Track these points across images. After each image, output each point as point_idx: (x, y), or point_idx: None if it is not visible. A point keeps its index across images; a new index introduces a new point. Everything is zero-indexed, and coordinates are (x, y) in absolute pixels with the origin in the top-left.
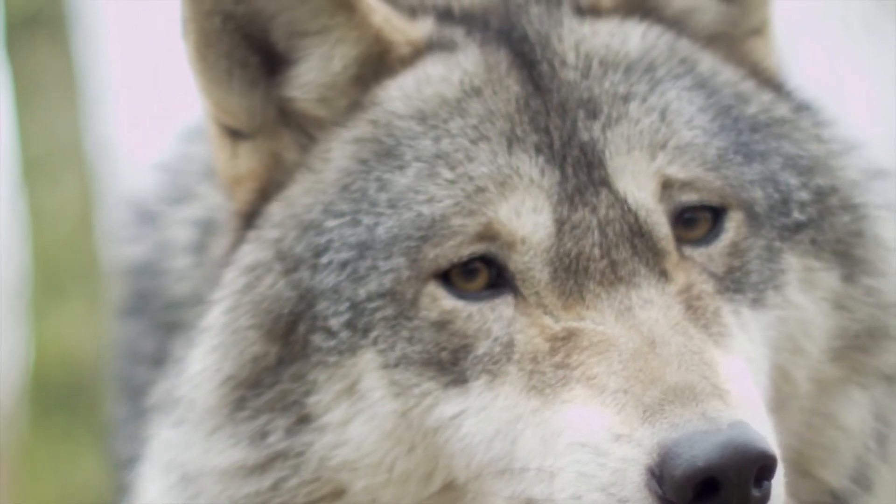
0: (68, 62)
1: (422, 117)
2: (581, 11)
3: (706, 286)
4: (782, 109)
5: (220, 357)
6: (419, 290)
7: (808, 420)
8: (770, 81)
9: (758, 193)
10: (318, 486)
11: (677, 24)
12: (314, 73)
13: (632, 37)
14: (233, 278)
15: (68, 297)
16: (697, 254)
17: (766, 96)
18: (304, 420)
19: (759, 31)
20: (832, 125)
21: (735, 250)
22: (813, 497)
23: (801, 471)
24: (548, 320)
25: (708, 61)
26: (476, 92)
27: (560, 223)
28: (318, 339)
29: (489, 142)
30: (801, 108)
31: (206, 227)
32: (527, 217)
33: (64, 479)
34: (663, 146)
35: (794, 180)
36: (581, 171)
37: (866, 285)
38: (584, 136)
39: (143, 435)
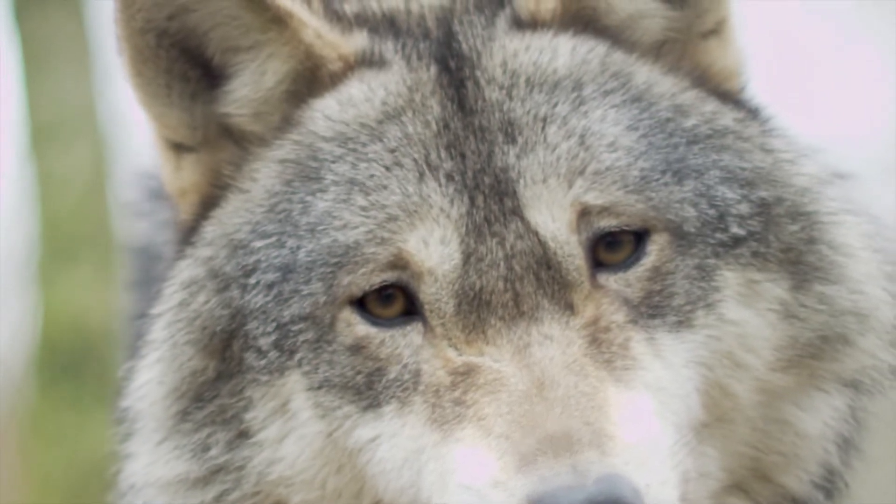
0: (81, 28)
1: (343, 140)
2: (519, 24)
3: (617, 316)
4: (726, 119)
5: (163, 370)
6: (335, 315)
7: (765, 427)
8: (718, 88)
9: (689, 212)
10: (259, 498)
11: (619, 34)
12: (247, 88)
13: (561, 52)
14: (170, 293)
15: (77, 263)
16: (614, 280)
17: (710, 106)
18: (242, 435)
19: (716, 31)
20: (782, 132)
21: (656, 274)
22: (775, 501)
23: (761, 476)
24: (451, 353)
25: (644, 73)
26: (396, 114)
27: (467, 255)
28: (250, 357)
29: (402, 169)
30: (749, 115)
31: None
32: (434, 248)
33: (72, 446)
34: (581, 172)
35: (732, 194)
36: (493, 201)
37: (819, 293)
38: (500, 162)
39: None
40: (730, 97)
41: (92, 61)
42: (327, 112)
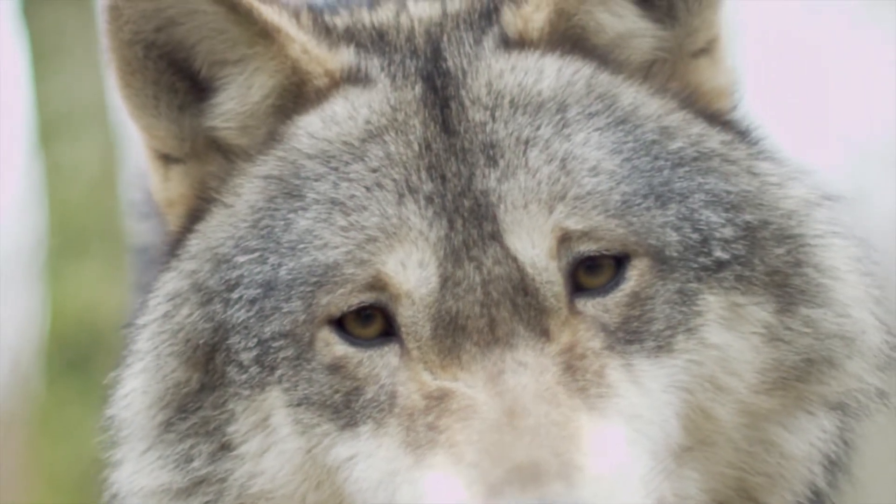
0: (90, 21)
1: (325, 158)
2: (507, 44)
3: (593, 343)
4: (712, 142)
5: (147, 380)
6: (314, 334)
7: (749, 449)
8: (707, 109)
9: (671, 237)
10: None
11: (608, 53)
12: (234, 101)
13: (547, 74)
14: (155, 305)
15: (86, 257)
16: (592, 305)
17: (696, 128)
18: (225, 447)
19: (707, 50)
20: (770, 154)
21: (635, 300)
22: None
23: (746, 497)
24: (426, 377)
25: (630, 95)
26: (379, 134)
27: (444, 279)
28: (232, 371)
29: (383, 190)
30: (738, 137)
31: None
32: (412, 271)
33: (79, 440)
34: (562, 197)
35: (717, 218)
36: (472, 224)
37: (804, 316)
38: (481, 186)
39: None
40: (719, 118)
41: (101, 54)
42: (311, 129)
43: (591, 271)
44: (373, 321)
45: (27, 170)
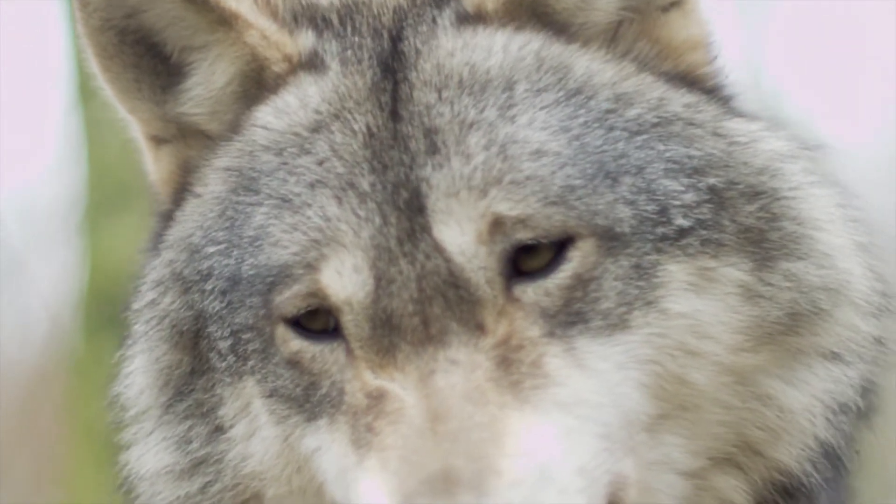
0: None
1: (277, 150)
2: (464, 20)
3: (531, 332)
4: (675, 105)
5: (145, 361)
6: (273, 329)
7: (744, 405)
8: (675, 68)
9: (622, 213)
10: (240, 490)
11: (570, 18)
12: (201, 87)
13: (495, 50)
14: (144, 291)
15: (124, 212)
16: (533, 290)
17: (657, 92)
18: (218, 429)
19: (677, 3)
20: (742, 110)
21: (577, 282)
22: (770, 475)
23: (751, 451)
24: (368, 376)
25: (583, 64)
26: (326, 124)
27: (379, 279)
28: (214, 358)
29: (325, 187)
30: (705, 98)
31: None
32: (348, 278)
33: None
34: (498, 182)
35: (677, 185)
36: (405, 217)
37: (785, 270)
38: (418, 174)
39: None
40: (688, 75)
41: None
42: (265, 119)
43: (530, 254)
44: (319, 315)
45: (66, 126)
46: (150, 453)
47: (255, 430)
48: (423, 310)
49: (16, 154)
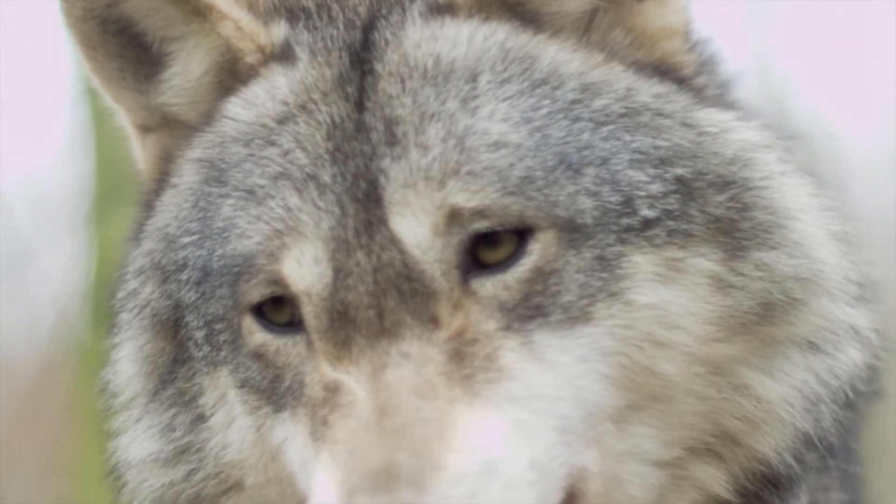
0: None
1: (246, 142)
2: (434, 9)
3: (487, 325)
4: (643, 96)
5: (131, 350)
6: (240, 321)
7: (719, 395)
8: (649, 57)
9: (585, 204)
10: (222, 478)
11: (540, 10)
12: (179, 77)
13: (460, 41)
14: (128, 280)
15: (131, 203)
16: (492, 284)
17: (625, 82)
18: (200, 418)
19: None
20: (717, 100)
21: (537, 275)
22: (750, 465)
23: (730, 440)
24: (326, 368)
25: (550, 54)
26: (292, 115)
27: (337, 271)
28: (192, 347)
29: (288, 179)
30: (676, 88)
31: None
32: (307, 269)
33: None
34: (455, 173)
35: (643, 176)
36: (363, 209)
37: (756, 259)
38: (378, 165)
39: None
40: (662, 64)
41: None
42: (235, 111)
43: (490, 247)
44: (285, 307)
45: (73, 117)
46: (137, 441)
47: (232, 419)
48: (379, 303)
49: (23, 145)
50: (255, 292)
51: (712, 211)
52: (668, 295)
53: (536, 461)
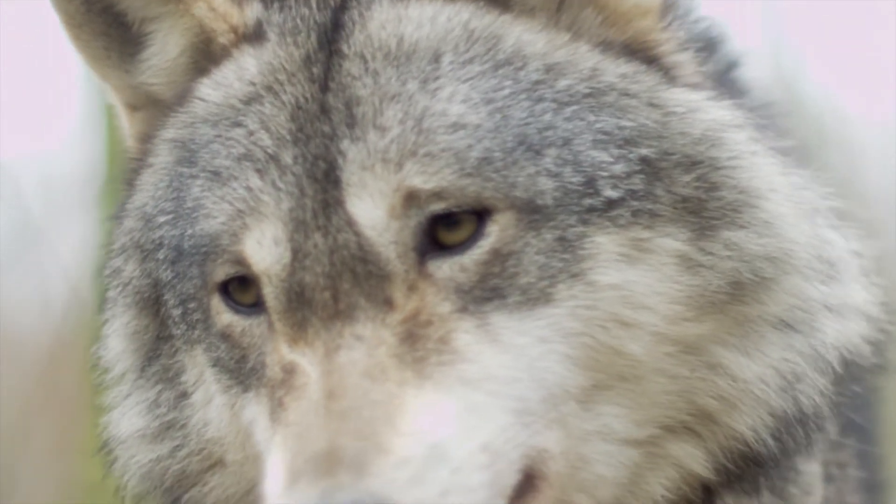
0: None
1: (214, 123)
2: None
3: (441, 308)
4: (609, 75)
5: (119, 327)
6: (209, 300)
7: (692, 374)
8: (619, 36)
9: (545, 185)
10: (205, 454)
11: None
12: (157, 57)
13: (424, 22)
14: (112, 258)
15: None
16: (449, 266)
17: (591, 62)
18: (183, 395)
19: None
20: (687, 79)
21: (495, 256)
22: (728, 444)
23: (707, 418)
24: (285, 349)
25: (515, 34)
26: (259, 96)
27: (295, 252)
28: (171, 325)
29: (250, 160)
30: (644, 68)
31: None
32: (267, 249)
33: None
34: (413, 154)
35: (606, 156)
36: (321, 190)
37: (725, 239)
38: (338, 146)
39: None
40: (633, 43)
41: None
42: (205, 91)
43: (450, 228)
44: (250, 287)
45: (85, 95)
46: (126, 417)
47: (210, 397)
48: (334, 284)
49: (36, 124)
50: (221, 271)
51: (679, 191)
52: (633, 275)
53: (489, 444)
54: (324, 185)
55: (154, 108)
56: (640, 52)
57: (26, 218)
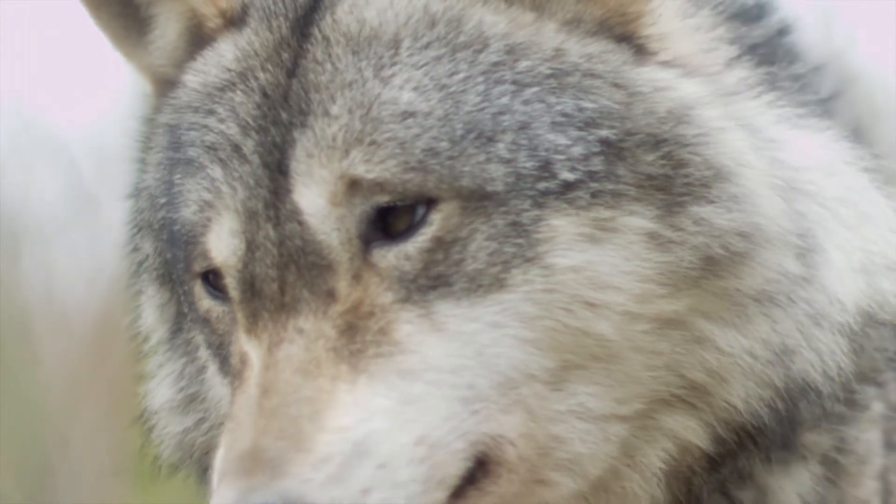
0: None
1: (195, 109)
2: None
3: (383, 298)
4: (573, 56)
5: (148, 299)
6: (193, 285)
7: (675, 350)
8: (588, 16)
9: (496, 172)
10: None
11: None
12: (161, 40)
13: (385, 6)
14: (132, 234)
15: None
16: (394, 255)
17: (554, 42)
18: (202, 369)
19: None
20: (661, 57)
21: (438, 245)
22: (726, 416)
23: (701, 391)
24: (243, 339)
25: (477, 16)
26: (232, 83)
27: (249, 243)
28: (182, 301)
29: (216, 149)
30: (613, 47)
31: None
32: (225, 242)
33: None
34: (359, 142)
35: (563, 139)
36: (273, 181)
37: (694, 214)
38: (291, 135)
39: None
40: (607, 21)
41: None
42: (189, 77)
43: (397, 216)
44: (221, 276)
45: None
46: (161, 386)
47: (215, 374)
48: (282, 276)
49: (87, 93)
50: (197, 264)
51: (644, 169)
52: (596, 255)
53: (426, 436)
54: (275, 175)
55: (165, 88)
56: (616, 28)
57: (78, 187)
